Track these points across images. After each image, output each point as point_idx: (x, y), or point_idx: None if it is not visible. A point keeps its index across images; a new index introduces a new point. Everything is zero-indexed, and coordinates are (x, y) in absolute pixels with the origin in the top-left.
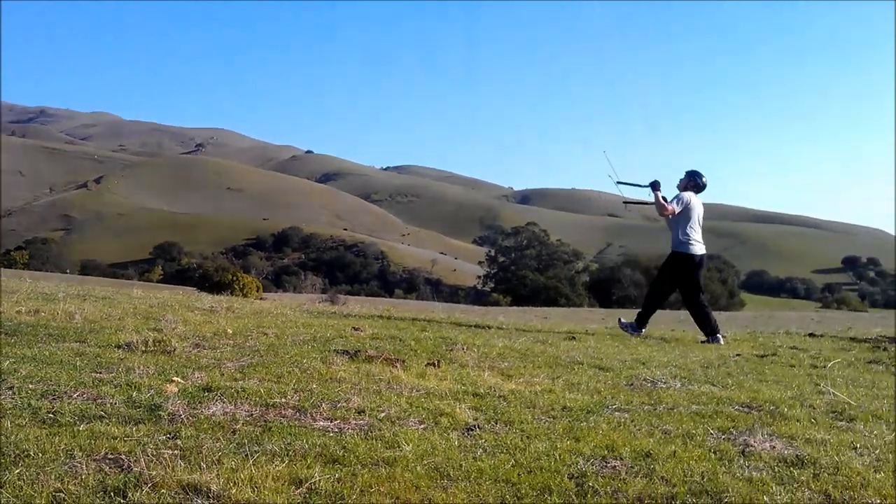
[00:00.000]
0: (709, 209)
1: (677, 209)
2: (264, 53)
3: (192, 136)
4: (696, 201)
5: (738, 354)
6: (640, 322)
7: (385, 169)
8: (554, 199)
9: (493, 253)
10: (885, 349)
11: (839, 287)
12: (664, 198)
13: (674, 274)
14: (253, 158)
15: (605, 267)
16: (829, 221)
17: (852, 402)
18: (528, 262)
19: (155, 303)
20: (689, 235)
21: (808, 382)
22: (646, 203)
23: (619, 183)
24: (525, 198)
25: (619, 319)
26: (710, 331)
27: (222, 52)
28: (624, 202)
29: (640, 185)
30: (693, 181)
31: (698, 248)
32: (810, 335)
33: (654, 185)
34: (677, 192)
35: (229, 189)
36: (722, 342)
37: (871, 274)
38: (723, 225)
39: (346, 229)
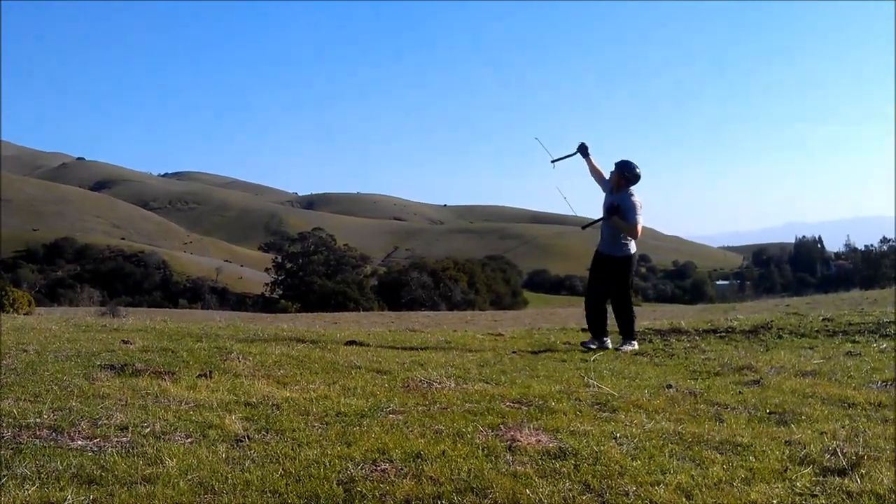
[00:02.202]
0: (491, 211)
1: (642, 222)
2: (24, 52)
3: None
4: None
5: (513, 352)
6: (631, 334)
7: (163, 175)
8: (339, 203)
9: (279, 259)
10: (650, 341)
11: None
12: (626, 216)
13: (618, 276)
14: (19, 166)
15: (393, 270)
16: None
17: (615, 394)
18: (316, 267)
19: None
20: (628, 238)
21: (576, 376)
22: (570, 156)
23: (553, 161)
24: (310, 203)
25: (622, 348)
26: (633, 336)
27: None
28: (552, 161)
29: (570, 155)
30: (625, 176)
31: (634, 246)
32: (583, 330)
33: (583, 150)
34: (610, 189)
35: None
36: (636, 346)
37: (644, 269)
38: (506, 227)
39: (124, 238)
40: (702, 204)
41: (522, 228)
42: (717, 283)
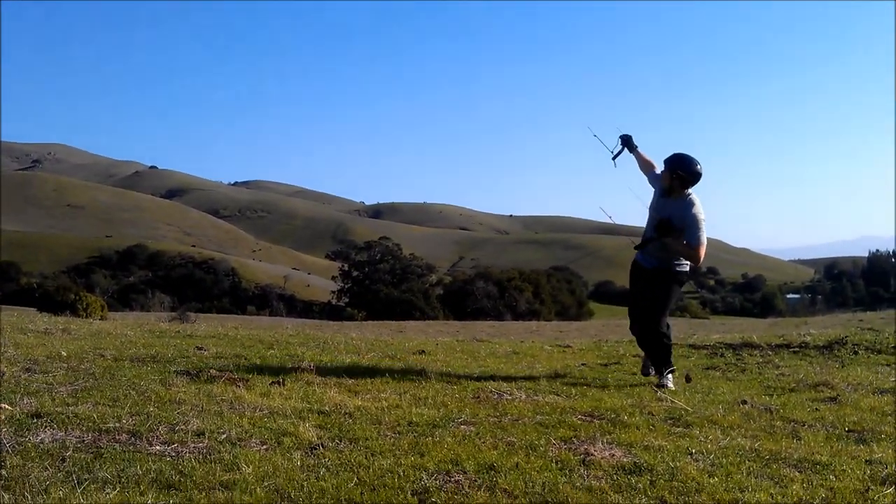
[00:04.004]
0: (557, 222)
1: (705, 241)
2: (99, 63)
3: (27, 151)
4: None
5: (583, 364)
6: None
7: (233, 184)
8: (405, 213)
9: (346, 267)
10: (721, 355)
11: (682, 295)
12: (688, 234)
13: (660, 293)
14: (93, 174)
15: (459, 280)
16: None
17: (689, 409)
18: (382, 276)
19: None
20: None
21: (648, 390)
22: (620, 151)
23: (614, 159)
24: (377, 212)
25: (661, 384)
26: (668, 365)
27: (55, 63)
28: (613, 158)
29: (620, 150)
30: (679, 176)
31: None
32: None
33: (627, 143)
34: (661, 191)
35: (69, 206)
36: (672, 382)
37: (712, 282)
38: (571, 238)
39: (194, 246)
40: (771, 216)
41: (588, 239)
42: (788, 296)
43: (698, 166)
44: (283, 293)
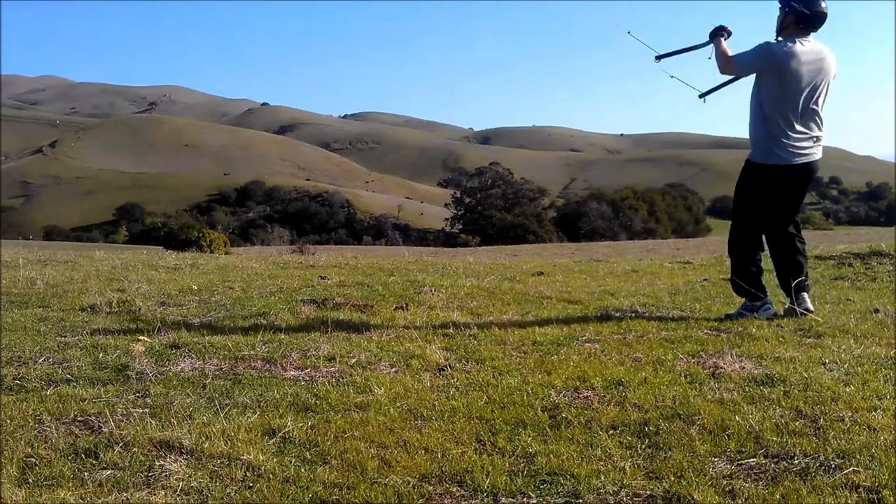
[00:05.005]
0: (669, 139)
1: (744, 69)
2: (209, 7)
3: (143, 94)
4: (807, 51)
5: (705, 279)
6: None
7: (343, 117)
8: (514, 137)
9: (458, 195)
10: (849, 265)
11: (803, 206)
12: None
13: (752, 194)
14: (208, 114)
15: (571, 202)
16: None
17: (819, 319)
18: (494, 201)
19: (118, 263)
20: (771, 128)
21: (775, 302)
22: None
23: (659, 57)
24: (486, 138)
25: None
26: (752, 295)
27: (167, 8)
28: (657, 57)
29: (693, 47)
30: (795, 9)
31: (793, 151)
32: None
33: (717, 33)
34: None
35: (187, 146)
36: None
37: (834, 192)
38: (685, 153)
39: (308, 179)
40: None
41: (701, 155)
42: None
43: (823, 4)
44: (398, 222)
